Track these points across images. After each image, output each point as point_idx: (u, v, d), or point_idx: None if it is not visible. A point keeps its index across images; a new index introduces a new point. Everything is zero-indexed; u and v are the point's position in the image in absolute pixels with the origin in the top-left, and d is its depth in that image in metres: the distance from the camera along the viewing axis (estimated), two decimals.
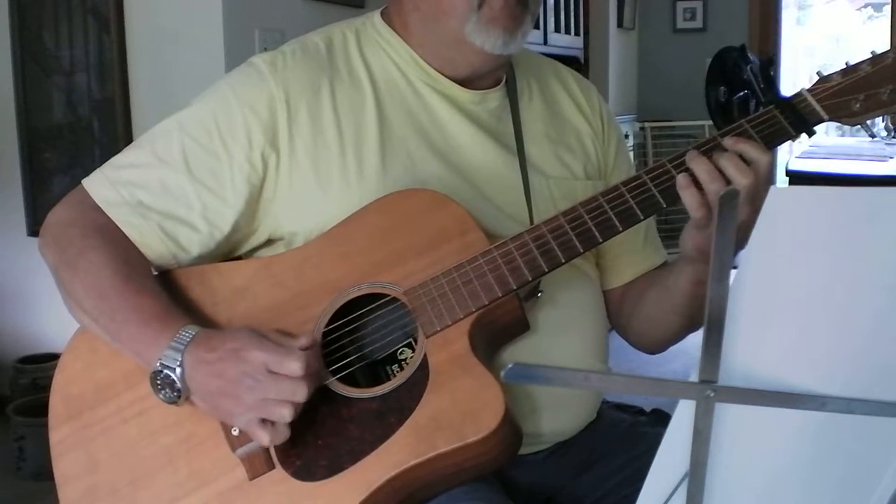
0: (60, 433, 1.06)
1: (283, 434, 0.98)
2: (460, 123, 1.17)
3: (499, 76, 1.21)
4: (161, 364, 0.99)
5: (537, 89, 1.27)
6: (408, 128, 1.15)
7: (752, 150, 1.02)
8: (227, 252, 1.16)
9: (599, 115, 1.30)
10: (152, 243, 1.09)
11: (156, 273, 1.11)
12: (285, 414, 0.97)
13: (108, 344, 1.06)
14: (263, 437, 0.98)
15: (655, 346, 1.28)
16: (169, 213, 1.09)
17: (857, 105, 1.04)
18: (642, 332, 1.27)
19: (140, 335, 1.02)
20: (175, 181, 1.10)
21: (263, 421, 0.97)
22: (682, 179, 1.02)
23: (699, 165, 1.01)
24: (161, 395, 1.00)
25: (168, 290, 1.07)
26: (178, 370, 0.98)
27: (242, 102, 1.11)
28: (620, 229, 1.04)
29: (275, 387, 0.96)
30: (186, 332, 1.00)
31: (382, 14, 1.22)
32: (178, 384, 0.99)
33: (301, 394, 0.97)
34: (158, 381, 0.99)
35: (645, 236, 1.28)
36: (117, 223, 1.09)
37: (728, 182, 0.99)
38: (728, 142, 1.03)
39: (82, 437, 1.05)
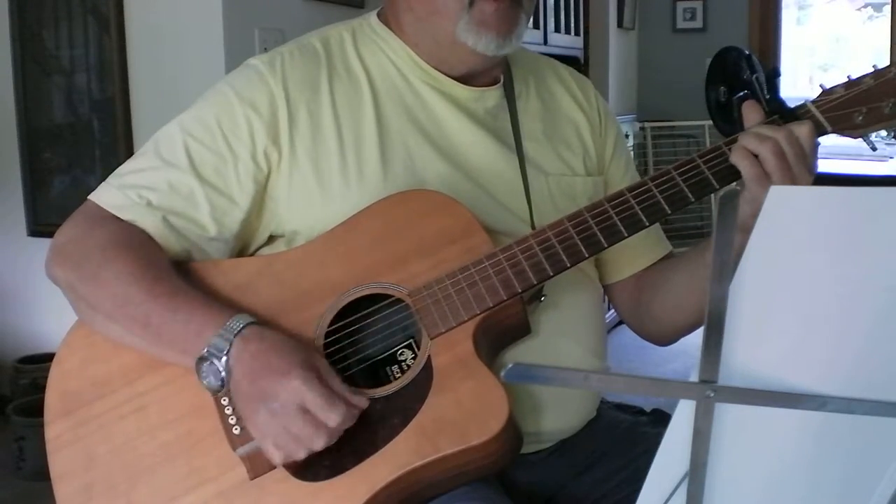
0: (56, 429, 1.05)
1: (289, 461, 0.97)
2: (458, 120, 1.17)
3: (496, 75, 1.21)
4: (208, 351, 0.98)
5: (534, 87, 1.27)
6: (406, 125, 1.15)
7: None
8: (240, 251, 1.16)
9: (597, 109, 1.30)
10: (165, 238, 1.08)
11: None
12: (298, 453, 0.96)
13: (106, 339, 1.06)
14: (276, 459, 0.97)
15: (672, 336, 1.26)
16: (178, 212, 1.09)
17: (860, 118, 1.06)
18: (662, 321, 1.25)
19: (183, 332, 1.00)
20: (182, 182, 1.10)
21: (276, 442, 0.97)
22: (736, 152, 1.03)
23: (746, 137, 1.03)
24: (205, 383, 0.99)
25: None
26: (224, 359, 0.97)
27: (244, 102, 1.11)
28: (625, 235, 1.04)
29: (299, 426, 0.95)
30: (237, 322, 0.99)
31: (379, 14, 1.23)
32: (223, 373, 0.98)
33: (319, 444, 0.96)
34: (203, 369, 0.98)
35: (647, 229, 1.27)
36: (131, 223, 1.08)
37: (780, 150, 1.01)
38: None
39: (79, 433, 1.04)
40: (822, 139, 1.07)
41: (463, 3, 1.10)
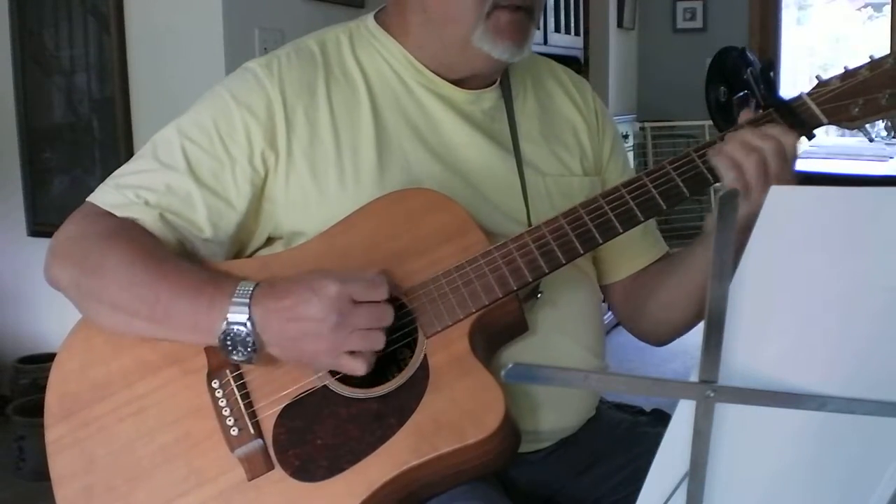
0: (56, 432, 1.05)
1: (371, 362, 0.98)
2: (455, 123, 1.17)
3: (493, 77, 1.22)
4: (228, 323, 0.97)
5: (532, 88, 1.27)
6: (403, 128, 1.15)
7: (777, 131, 1.03)
8: (236, 254, 1.16)
9: (594, 111, 1.30)
10: (164, 234, 1.08)
11: None
12: (379, 340, 0.97)
13: (105, 342, 1.06)
14: (360, 368, 0.97)
15: (667, 336, 1.27)
16: (176, 212, 1.09)
17: (856, 109, 1.05)
18: (657, 320, 1.26)
19: (194, 305, 1.00)
20: (180, 184, 1.10)
21: (352, 353, 0.97)
22: (715, 150, 1.03)
23: (733, 143, 1.02)
24: (235, 356, 0.98)
25: None
26: (249, 324, 0.97)
27: (241, 105, 1.11)
28: (620, 230, 1.04)
29: (364, 315, 0.96)
30: (245, 286, 0.99)
31: (376, 17, 1.23)
32: (251, 338, 0.97)
33: (389, 316, 0.98)
34: (229, 342, 0.97)
35: (644, 229, 1.27)
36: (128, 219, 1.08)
37: (764, 163, 1.00)
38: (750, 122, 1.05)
39: (78, 435, 1.04)
40: (821, 138, 1.07)
41: (480, 11, 1.10)
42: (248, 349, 0.97)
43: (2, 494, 2.62)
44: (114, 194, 1.10)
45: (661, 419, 1.25)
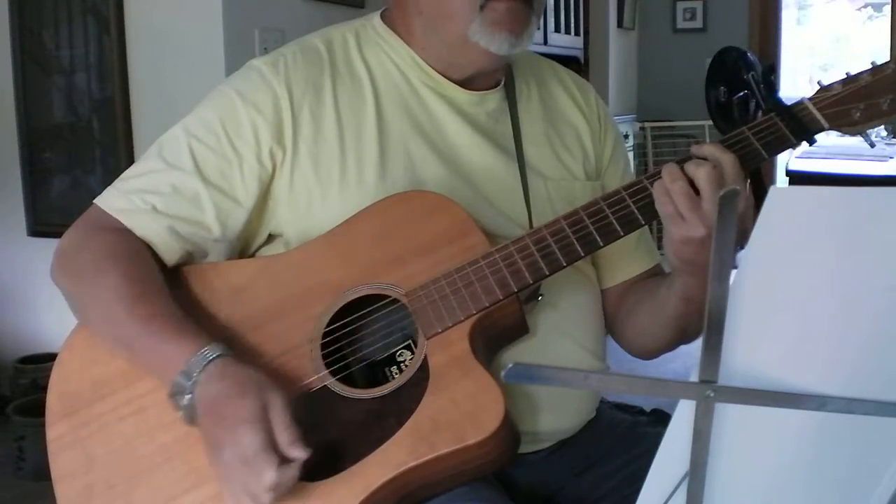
0: (57, 430, 1.06)
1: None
2: (458, 125, 1.17)
3: (498, 78, 1.21)
4: (171, 392, 0.98)
5: (536, 90, 1.27)
6: (407, 128, 1.15)
7: (713, 151, 1.02)
8: (241, 252, 1.16)
9: (597, 113, 1.30)
10: (169, 246, 1.09)
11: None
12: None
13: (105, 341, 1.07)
14: None
15: (646, 355, 1.28)
16: (183, 216, 1.09)
17: (858, 114, 1.05)
18: (634, 340, 1.27)
19: (154, 360, 1.01)
20: (187, 184, 1.10)
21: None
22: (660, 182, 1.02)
23: (665, 170, 1.02)
24: (180, 415, 0.99)
25: (169, 289, 1.07)
26: (189, 396, 0.97)
27: (247, 103, 1.11)
28: (621, 234, 1.04)
29: (245, 480, 0.93)
30: (200, 359, 0.97)
31: (382, 16, 1.23)
32: (186, 409, 0.98)
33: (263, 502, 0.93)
34: (175, 404, 0.99)
35: (638, 238, 1.27)
36: (132, 229, 1.09)
37: (690, 180, 1.00)
38: (693, 149, 1.04)
39: (79, 434, 1.05)
40: (821, 138, 1.07)
41: (474, 5, 1.10)
42: (188, 418, 0.98)
43: (2, 494, 2.62)
44: (120, 198, 1.11)
45: (661, 419, 1.25)
